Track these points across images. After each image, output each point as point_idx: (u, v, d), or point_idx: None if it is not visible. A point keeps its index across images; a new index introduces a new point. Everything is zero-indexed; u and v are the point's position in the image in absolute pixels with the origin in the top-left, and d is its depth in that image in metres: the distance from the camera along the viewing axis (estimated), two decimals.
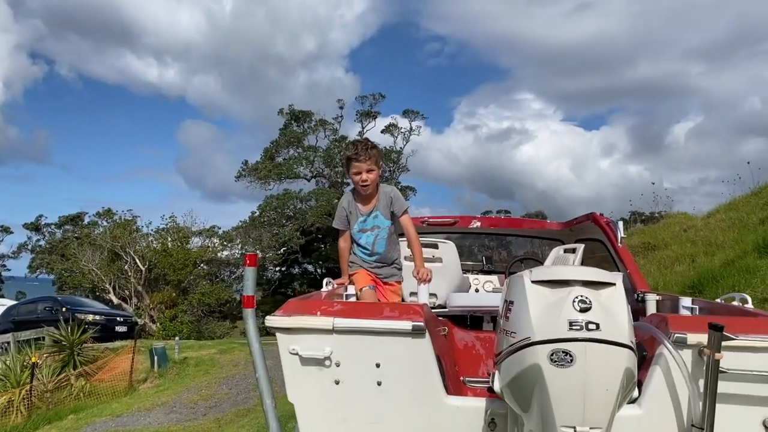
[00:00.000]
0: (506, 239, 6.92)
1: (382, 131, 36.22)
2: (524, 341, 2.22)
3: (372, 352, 2.78)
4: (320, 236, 34.03)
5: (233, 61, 52.95)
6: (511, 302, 2.38)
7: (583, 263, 5.02)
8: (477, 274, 6.31)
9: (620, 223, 4.90)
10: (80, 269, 32.81)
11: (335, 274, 4.62)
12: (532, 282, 2.29)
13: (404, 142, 36.54)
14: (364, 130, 35.80)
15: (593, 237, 5.34)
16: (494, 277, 6.26)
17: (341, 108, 36.19)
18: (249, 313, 2.92)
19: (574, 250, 5.14)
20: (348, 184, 35.00)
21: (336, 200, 33.05)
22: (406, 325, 2.72)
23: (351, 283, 4.35)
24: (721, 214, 15.68)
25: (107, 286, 32.26)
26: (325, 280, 4.15)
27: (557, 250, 5.50)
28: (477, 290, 6.06)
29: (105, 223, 37.11)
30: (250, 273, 2.95)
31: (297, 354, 2.77)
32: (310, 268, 37.53)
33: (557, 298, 2.20)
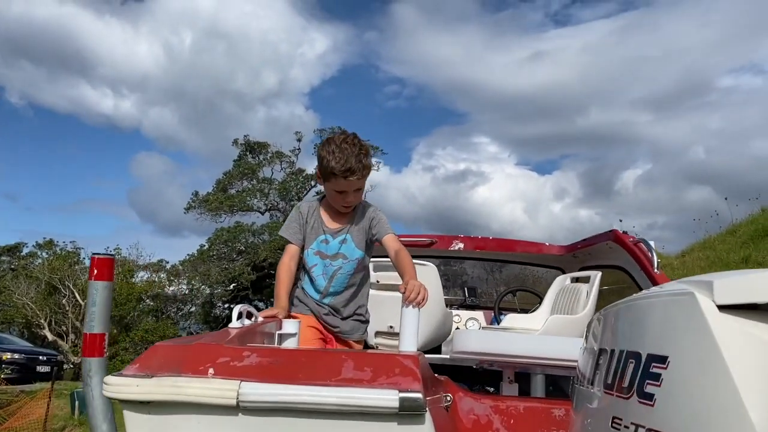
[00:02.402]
0: (494, 266, 5.69)
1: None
2: None
3: None
4: (272, 272, 32.45)
5: (191, 94, 51.58)
6: (659, 360, 1.06)
7: (600, 298, 3.82)
8: (458, 308, 5.05)
9: (652, 243, 3.71)
10: (14, 303, 30.79)
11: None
12: (723, 308, 0.99)
13: None
14: None
15: (608, 263, 4.14)
16: (479, 313, 5.00)
17: (299, 140, 34.99)
18: (93, 367, 1.60)
19: (587, 279, 3.94)
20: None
21: None
22: (389, 396, 1.42)
23: (290, 316, 2.88)
24: (697, 253, 15.24)
25: (42, 321, 30.36)
26: (236, 308, 2.29)
27: (562, 280, 4.30)
28: (458, 329, 4.80)
29: (45, 255, 35.08)
30: (99, 292, 1.63)
31: None
32: (261, 305, 35.87)
33: None
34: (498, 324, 4.52)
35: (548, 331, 3.63)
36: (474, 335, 3.30)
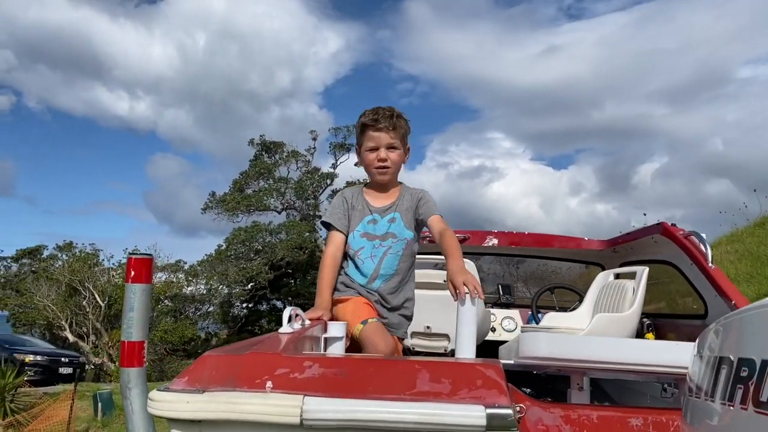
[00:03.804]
0: (528, 262, 5.52)
1: (356, 164, 34.77)
2: None
3: None
4: (290, 271, 32.48)
5: (205, 95, 51.84)
6: None
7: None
8: (492, 307, 4.89)
9: (704, 236, 3.55)
10: (35, 305, 30.97)
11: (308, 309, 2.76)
12: None
13: None
14: (338, 162, 34.52)
15: (653, 258, 3.97)
16: (514, 312, 4.84)
17: (314, 139, 34.89)
18: (132, 378, 1.46)
19: (630, 275, 3.78)
20: (319, 217, 33.62)
21: (308, 233, 31.63)
22: (475, 412, 1.24)
23: (334, 318, 2.73)
24: (725, 246, 14.89)
25: (63, 323, 30.57)
26: (287, 311, 2.16)
27: (604, 277, 4.13)
28: (494, 329, 4.64)
29: (65, 257, 35.25)
30: (137, 296, 1.50)
31: None
32: (278, 304, 35.81)
33: None
34: (537, 323, 4.36)
35: (595, 330, 3.45)
36: (545, 339, 2.88)
